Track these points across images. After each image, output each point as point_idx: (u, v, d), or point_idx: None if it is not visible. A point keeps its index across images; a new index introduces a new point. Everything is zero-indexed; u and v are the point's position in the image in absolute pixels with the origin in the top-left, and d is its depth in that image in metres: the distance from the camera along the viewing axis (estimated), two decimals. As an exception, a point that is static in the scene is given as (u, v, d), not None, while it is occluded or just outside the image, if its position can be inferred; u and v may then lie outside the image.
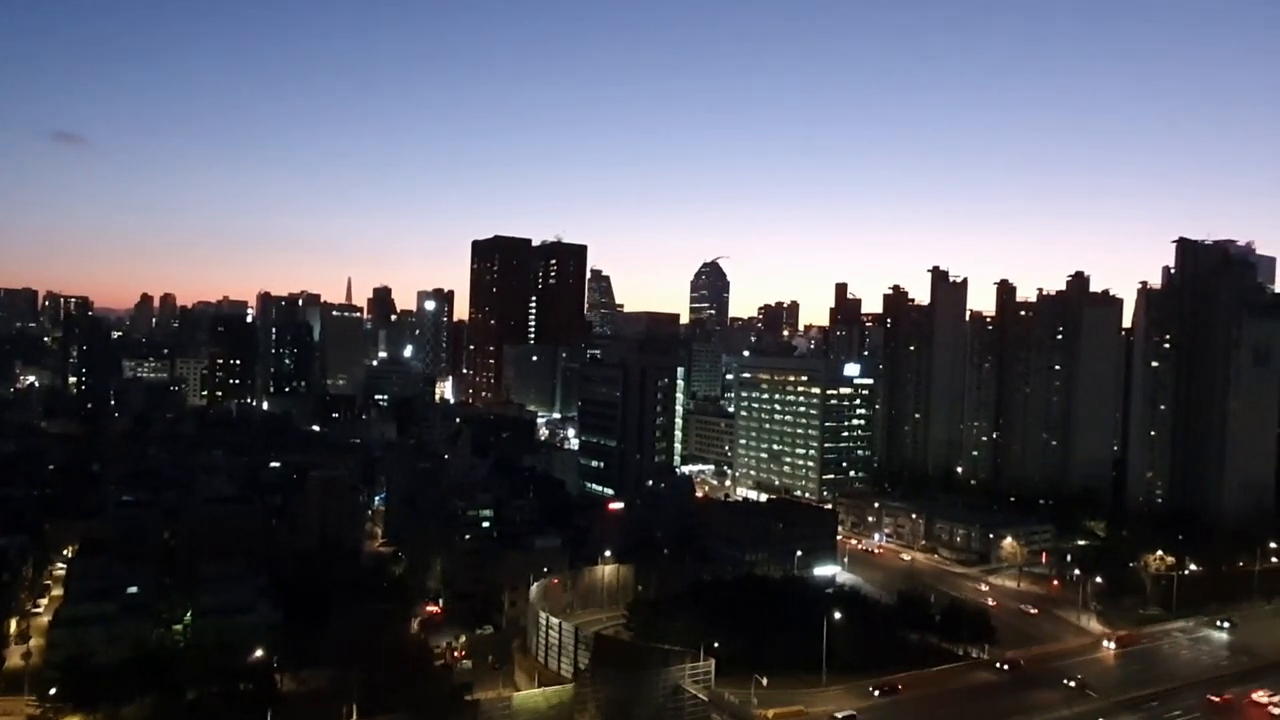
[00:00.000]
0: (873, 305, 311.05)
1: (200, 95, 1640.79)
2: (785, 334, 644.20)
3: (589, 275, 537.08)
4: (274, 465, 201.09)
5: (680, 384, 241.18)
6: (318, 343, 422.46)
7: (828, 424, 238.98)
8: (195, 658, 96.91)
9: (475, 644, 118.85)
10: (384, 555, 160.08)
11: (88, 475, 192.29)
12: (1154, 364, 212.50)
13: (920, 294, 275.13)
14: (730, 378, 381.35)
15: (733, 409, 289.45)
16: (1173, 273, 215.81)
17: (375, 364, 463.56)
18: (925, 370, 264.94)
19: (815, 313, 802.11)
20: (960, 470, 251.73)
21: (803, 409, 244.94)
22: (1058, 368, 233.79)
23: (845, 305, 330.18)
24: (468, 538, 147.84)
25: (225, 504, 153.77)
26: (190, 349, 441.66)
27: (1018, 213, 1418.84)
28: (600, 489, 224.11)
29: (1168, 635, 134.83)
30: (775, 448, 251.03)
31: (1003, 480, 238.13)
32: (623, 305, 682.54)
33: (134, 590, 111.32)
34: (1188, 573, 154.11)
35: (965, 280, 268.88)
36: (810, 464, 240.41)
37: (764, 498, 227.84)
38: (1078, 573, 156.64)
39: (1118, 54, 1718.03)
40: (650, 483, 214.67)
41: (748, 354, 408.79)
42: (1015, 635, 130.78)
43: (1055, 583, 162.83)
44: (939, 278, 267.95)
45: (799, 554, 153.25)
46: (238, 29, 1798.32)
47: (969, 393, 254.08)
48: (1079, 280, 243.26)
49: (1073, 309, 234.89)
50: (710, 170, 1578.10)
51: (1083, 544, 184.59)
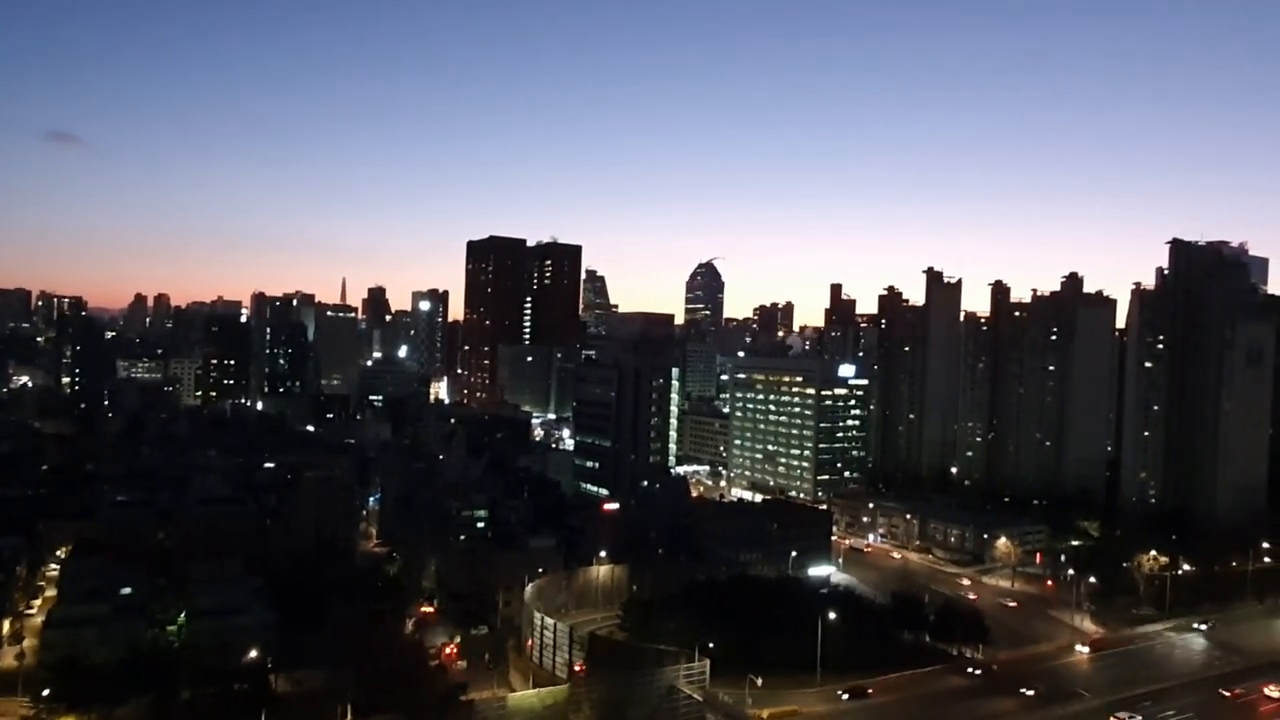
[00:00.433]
0: (867, 306, 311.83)
1: (195, 95, 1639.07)
2: (780, 334, 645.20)
3: (584, 276, 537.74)
4: (268, 465, 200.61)
5: (675, 384, 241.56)
6: (312, 343, 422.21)
7: (822, 424, 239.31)
8: (190, 658, 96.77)
9: (470, 644, 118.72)
10: (378, 555, 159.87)
11: (82, 475, 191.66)
12: (1148, 364, 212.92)
13: (915, 295, 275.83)
14: (725, 378, 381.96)
15: (727, 409, 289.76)
16: (1166, 274, 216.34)
17: (370, 364, 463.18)
18: (920, 371, 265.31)
19: (810, 313, 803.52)
20: (954, 470, 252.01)
21: (797, 409, 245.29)
22: (1052, 368, 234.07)
23: (840, 306, 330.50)
24: (462, 538, 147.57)
25: (220, 504, 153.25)
26: (184, 349, 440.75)
27: (1012, 214, 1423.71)
28: (595, 489, 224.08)
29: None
30: (770, 448, 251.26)
31: (997, 480, 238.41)
32: (617, 306, 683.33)
33: (128, 591, 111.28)
34: (1181, 573, 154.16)
35: (960, 281, 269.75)
36: (805, 464, 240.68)
37: (759, 498, 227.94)
38: (1071, 573, 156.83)
39: (1113, 55, 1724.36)
40: (645, 483, 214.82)
41: (742, 354, 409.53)
42: (1010, 635, 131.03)
43: (1049, 583, 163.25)
44: (933, 278, 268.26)
45: (794, 554, 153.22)
46: (233, 29, 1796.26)
47: (963, 393, 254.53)
48: (1073, 281, 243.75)
49: (1067, 310, 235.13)
50: (705, 171, 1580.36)
51: (1076, 544, 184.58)
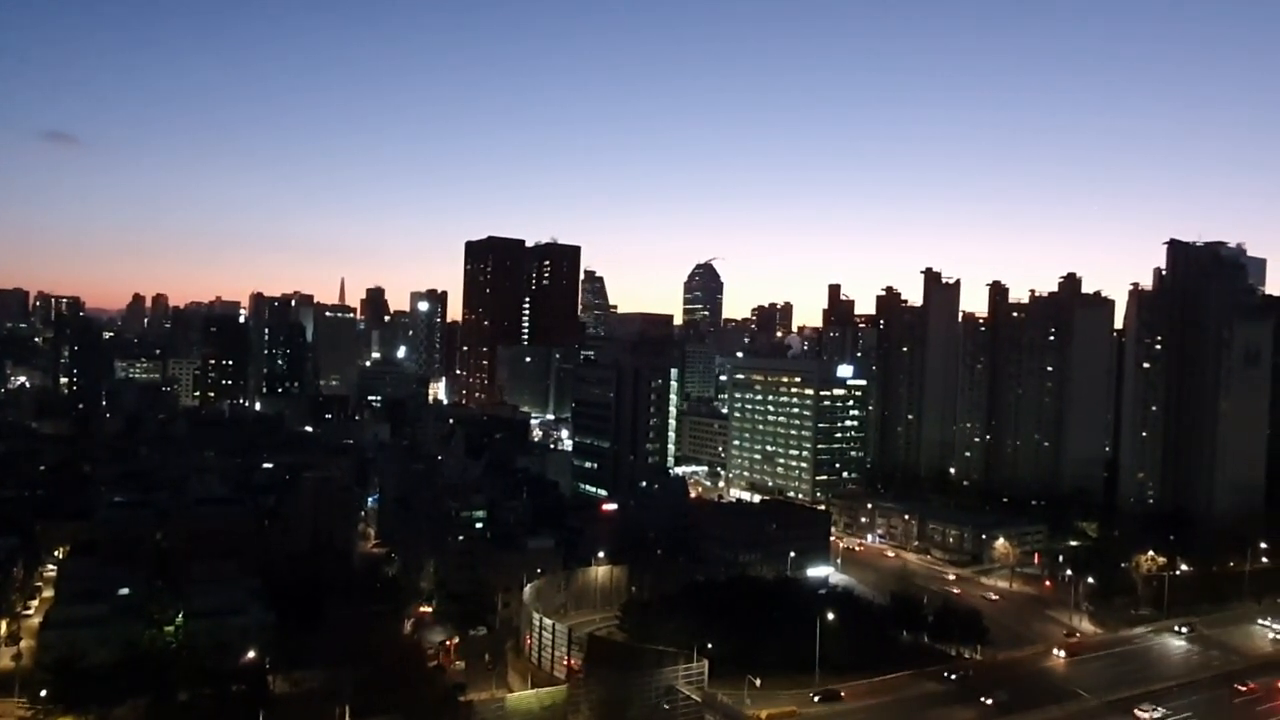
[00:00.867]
0: (866, 306, 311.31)
1: (193, 95, 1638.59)
2: (779, 335, 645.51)
3: (582, 276, 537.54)
4: (266, 466, 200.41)
5: (674, 385, 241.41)
6: (310, 343, 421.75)
7: (821, 425, 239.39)
8: (187, 659, 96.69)
9: (469, 645, 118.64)
10: (377, 556, 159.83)
11: (79, 476, 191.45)
12: (1145, 365, 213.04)
13: (913, 295, 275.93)
14: (724, 379, 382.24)
15: (726, 410, 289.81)
16: (1164, 274, 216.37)
17: (368, 365, 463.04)
18: (918, 371, 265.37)
19: (808, 314, 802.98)
20: (953, 471, 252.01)
21: (796, 410, 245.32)
22: (1050, 369, 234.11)
23: (838, 306, 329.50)
24: (461, 539, 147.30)
25: (217, 505, 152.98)
26: (182, 349, 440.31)
27: (1010, 214, 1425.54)
28: (594, 490, 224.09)
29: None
30: (769, 449, 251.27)
31: (995, 481, 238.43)
32: (616, 306, 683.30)
33: (125, 592, 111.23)
34: (1179, 573, 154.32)
35: (958, 281, 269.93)
36: (803, 465, 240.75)
37: (757, 499, 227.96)
38: (1070, 573, 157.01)
39: (1111, 56, 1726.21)
40: (644, 484, 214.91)
41: (741, 355, 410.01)
42: (1009, 636, 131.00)
43: (1047, 583, 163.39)
44: (932, 279, 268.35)
45: (792, 555, 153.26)
46: (231, 29, 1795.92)
47: (961, 394, 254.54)
48: (1071, 281, 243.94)
49: (1065, 310, 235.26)
50: (704, 171, 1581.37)
51: (1075, 544, 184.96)
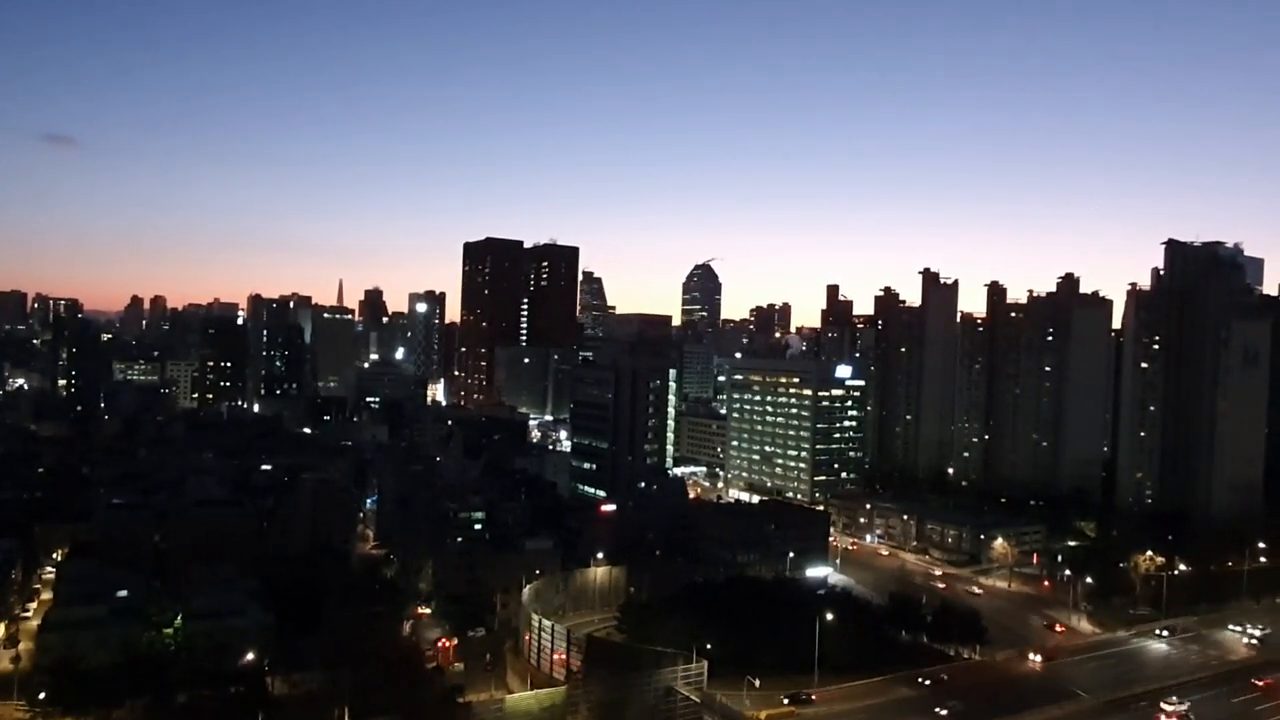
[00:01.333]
0: (864, 307, 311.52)
1: (191, 97, 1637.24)
2: (777, 335, 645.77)
3: (581, 277, 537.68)
4: (265, 468, 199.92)
5: (672, 386, 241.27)
6: (309, 345, 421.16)
7: (819, 425, 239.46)
8: (186, 661, 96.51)
9: (467, 646, 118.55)
10: (375, 557, 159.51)
11: (77, 478, 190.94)
12: (1143, 365, 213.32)
13: (911, 295, 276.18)
14: (722, 379, 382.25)
15: (724, 410, 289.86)
16: (1162, 274, 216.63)
17: (367, 366, 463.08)
18: (916, 372, 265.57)
19: (807, 314, 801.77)
20: (951, 471, 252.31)
21: (794, 410, 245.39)
22: (1048, 369, 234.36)
23: (836, 307, 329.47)
24: (459, 540, 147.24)
25: (216, 507, 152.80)
26: (181, 351, 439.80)
27: (1008, 215, 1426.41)
28: (592, 491, 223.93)
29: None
30: (767, 449, 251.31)
31: (993, 481, 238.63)
32: (614, 307, 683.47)
33: (124, 594, 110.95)
34: (1178, 573, 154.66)
35: (956, 282, 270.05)
36: (802, 465, 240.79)
37: (756, 499, 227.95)
38: (1068, 573, 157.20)
39: (1108, 57, 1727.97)
40: (642, 484, 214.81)
41: (739, 356, 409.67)
42: (1008, 636, 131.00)
43: (1046, 583, 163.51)
44: (930, 279, 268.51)
45: (791, 555, 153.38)
46: (229, 31, 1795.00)
47: (960, 394, 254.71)
48: (1069, 282, 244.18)
49: (1063, 310, 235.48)
50: (702, 172, 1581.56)
51: (1073, 544, 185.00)
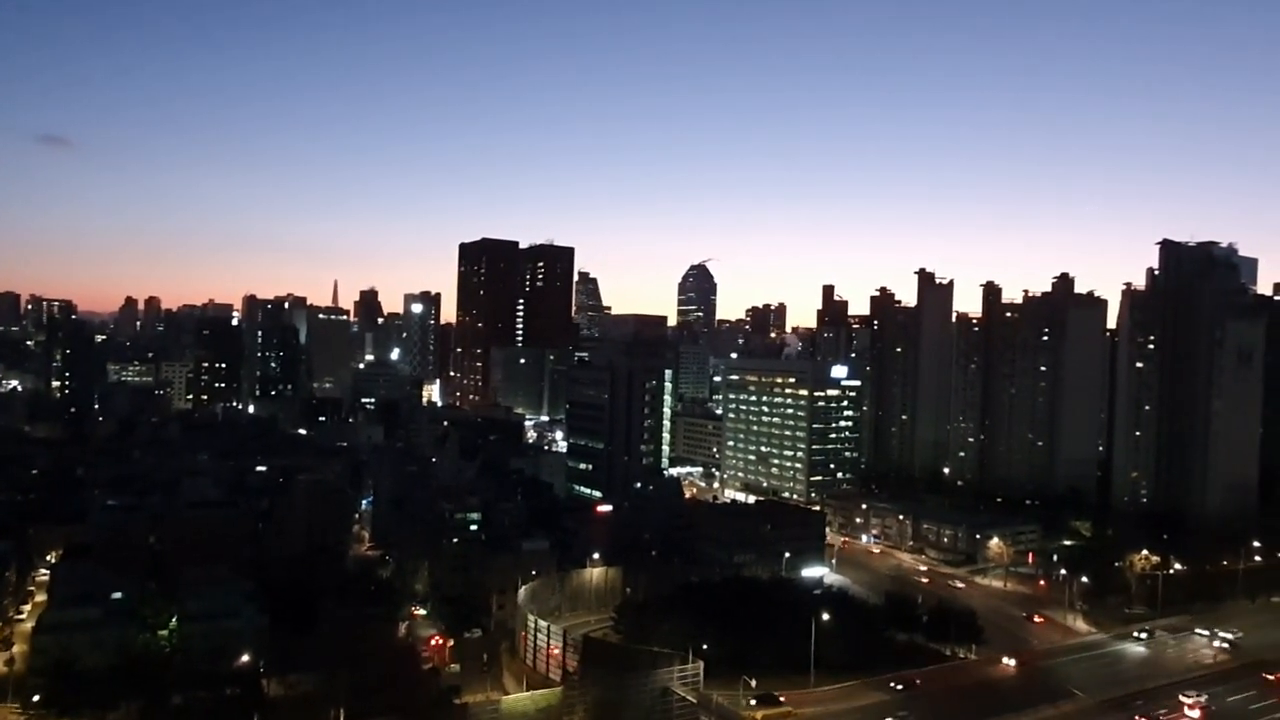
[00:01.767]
0: (860, 307, 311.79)
1: (186, 98, 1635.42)
2: (773, 336, 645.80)
3: (576, 278, 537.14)
4: (260, 469, 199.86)
5: (668, 386, 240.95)
6: (304, 345, 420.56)
7: (815, 425, 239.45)
8: (181, 663, 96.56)
9: (463, 647, 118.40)
10: (371, 559, 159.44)
11: (72, 480, 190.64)
12: (1138, 365, 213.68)
13: (907, 296, 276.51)
14: (718, 380, 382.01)
15: (720, 411, 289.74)
16: (1156, 274, 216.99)
17: (362, 367, 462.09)
18: (912, 372, 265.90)
19: (802, 315, 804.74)
20: (947, 471, 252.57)
21: (790, 411, 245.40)
22: (1043, 369, 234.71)
23: (832, 307, 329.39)
24: (455, 541, 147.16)
25: (211, 508, 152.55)
26: (175, 352, 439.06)
27: (1003, 215, 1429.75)
28: (588, 491, 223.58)
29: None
30: (763, 449, 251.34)
31: (989, 481, 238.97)
32: (610, 308, 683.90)
33: (119, 595, 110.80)
34: (1173, 572, 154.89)
35: (951, 282, 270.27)
36: (798, 465, 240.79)
37: (752, 499, 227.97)
38: (1064, 573, 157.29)
39: (1104, 57, 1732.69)
40: (638, 485, 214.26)
41: (735, 356, 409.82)
42: (1005, 637, 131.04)
43: (1042, 583, 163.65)
44: (925, 280, 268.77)
45: (787, 555, 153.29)
46: (224, 32, 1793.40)
47: (955, 394, 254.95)
48: (1064, 282, 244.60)
49: (1058, 310, 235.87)
50: (698, 173, 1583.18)
51: (1069, 544, 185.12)
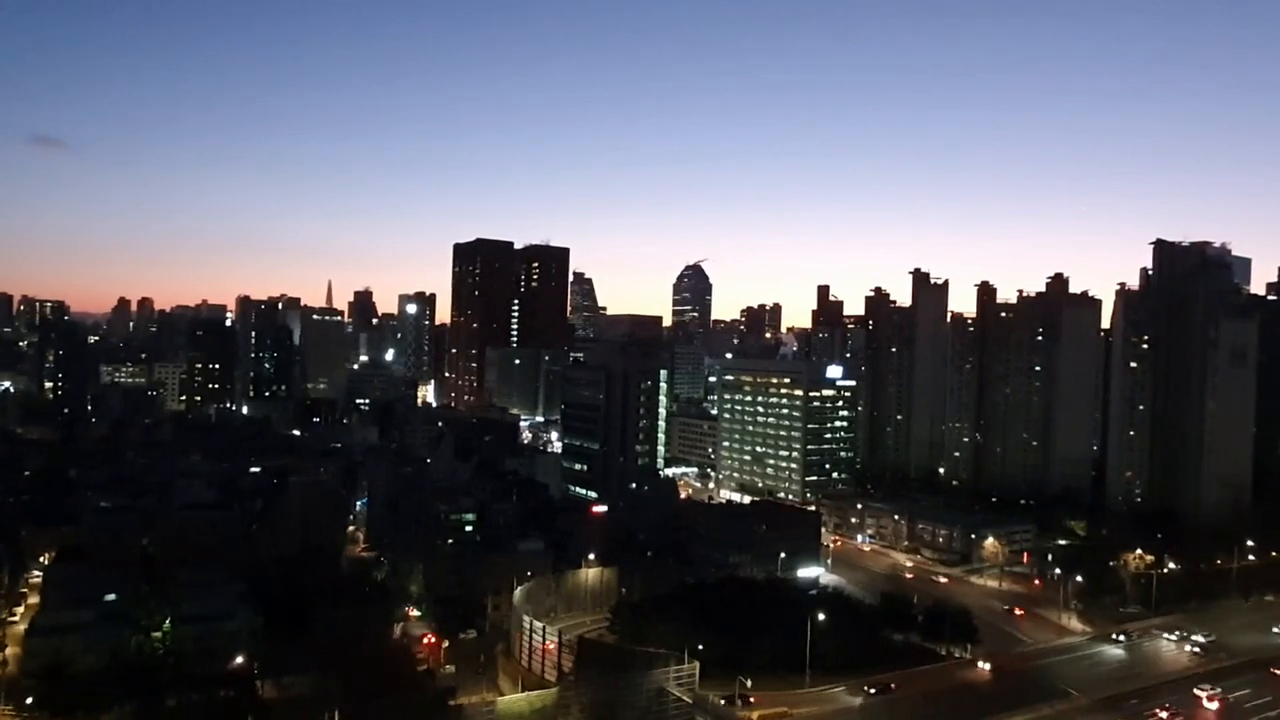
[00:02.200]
0: (855, 307, 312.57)
1: (180, 99, 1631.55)
2: (768, 336, 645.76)
3: (571, 278, 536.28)
4: (254, 470, 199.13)
5: (663, 386, 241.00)
6: (298, 346, 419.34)
7: (810, 426, 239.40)
8: (175, 665, 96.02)
9: (458, 648, 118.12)
10: (366, 560, 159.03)
11: (64, 481, 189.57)
12: (1132, 364, 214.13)
13: (902, 296, 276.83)
14: (713, 380, 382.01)
15: (716, 411, 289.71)
16: (1150, 274, 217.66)
17: (356, 368, 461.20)
18: (907, 372, 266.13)
19: (797, 315, 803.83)
20: (942, 471, 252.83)
21: (785, 411, 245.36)
22: (1038, 368, 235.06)
23: (827, 307, 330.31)
24: (450, 542, 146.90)
25: (204, 509, 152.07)
26: (168, 353, 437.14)
27: (998, 215, 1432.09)
28: (584, 492, 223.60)
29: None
30: (758, 450, 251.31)
31: (984, 480, 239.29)
32: (605, 308, 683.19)
33: (112, 597, 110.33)
34: (1167, 571, 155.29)
35: (946, 282, 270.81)
36: (793, 466, 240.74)
37: (747, 500, 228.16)
38: (1058, 572, 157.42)
39: (1098, 56, 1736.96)
40: (634, 485, 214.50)
41: (730, 356, 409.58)
42: (999, 636, 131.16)
43: (1037, 582, 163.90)
44: (920, 280, 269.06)
45: (782, 555, 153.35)
46: (218, 33, 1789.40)
47: (950, 394, 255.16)
48: (1058, 282, 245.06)
49: (1052, 310, 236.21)
50: (692, 173, 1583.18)
51: (1063, 543, 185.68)
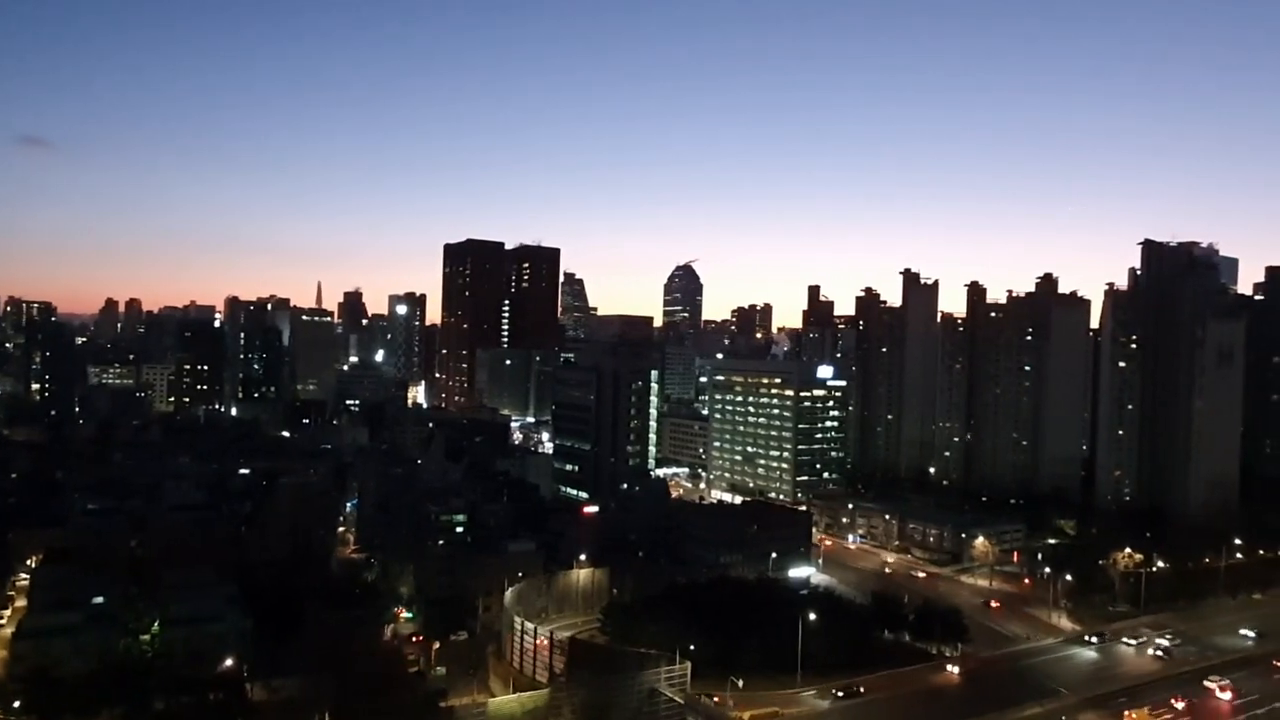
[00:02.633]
0: (845, 308, 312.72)
1: (168, 100, 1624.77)
2: (758, 336, 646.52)
3: (562, 279, 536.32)
4: (243, 472, 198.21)
5: (654, 387, 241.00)
6: (287, 348, 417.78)
7: (801, 426, 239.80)
8: (164, 668, 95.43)
9: (449, 650, 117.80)
10: (356, 561, 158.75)
11: (52, 484, 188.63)
12: (1121, 364, 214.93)
13: (892, 296, 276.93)
14: (704, 380, 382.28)
15: (707, 411, 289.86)
16: (1139, 274, 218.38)
17: (346, 369, 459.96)
18: (897, 372, 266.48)
19: (788, 315, 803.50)
20: (932, 470, 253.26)
21: (776, 411, 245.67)
22: (1027, 368, 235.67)
23: (818, 307, 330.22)
24: (441, 543, 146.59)
25: (193, 511, 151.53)
26: (157, 355, 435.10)
27: (988, 216, 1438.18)
28: (575, 493, 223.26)
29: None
30: (749, 450, 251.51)
31: (974, 480, 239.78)
32: (596, 308, 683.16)
33: (100, 600, 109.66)
34: (1156, 569, 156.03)
35: (936, 282, 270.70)
36: (784, 466, 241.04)
37: (738, 500, 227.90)
38: (1048, 571, 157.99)
39: (1089, 58, 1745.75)
40: (625, 486, 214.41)
41: (721, 356, 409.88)
42: (988, 635, 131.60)
43: (1026, 581, 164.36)
44: (910, 280, 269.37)
45: (774, 556, 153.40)
46: (206, 34, 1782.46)
47: (940, 394, 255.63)
48: (1048, 282, 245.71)
49: (1041, 310, 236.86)
50: (683, 174, 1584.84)
51: (1053, 542, 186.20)
